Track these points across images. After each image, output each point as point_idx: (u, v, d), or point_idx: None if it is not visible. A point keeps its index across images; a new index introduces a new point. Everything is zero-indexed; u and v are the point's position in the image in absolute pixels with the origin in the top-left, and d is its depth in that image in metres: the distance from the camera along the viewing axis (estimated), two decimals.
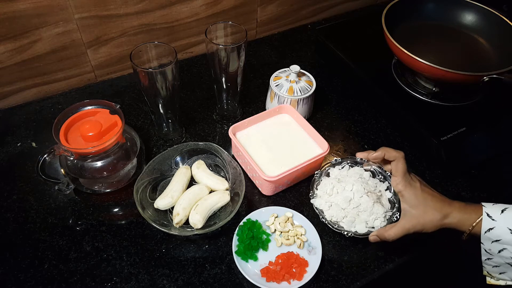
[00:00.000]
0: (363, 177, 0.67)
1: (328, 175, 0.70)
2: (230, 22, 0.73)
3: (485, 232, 0.54)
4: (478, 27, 0.89)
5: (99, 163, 0.67)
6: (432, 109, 0.82)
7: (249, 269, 0.62)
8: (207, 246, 0.66)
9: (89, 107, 0.70)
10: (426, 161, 0.80)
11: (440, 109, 0.82)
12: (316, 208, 0.66)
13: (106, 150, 0.66)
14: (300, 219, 0.67)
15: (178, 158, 0.74)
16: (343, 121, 0.87)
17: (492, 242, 0.54)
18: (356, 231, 0.63)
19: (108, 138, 0.65)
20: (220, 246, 0.66)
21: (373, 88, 0.88)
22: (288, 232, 0.66)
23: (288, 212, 0.68)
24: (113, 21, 0.84)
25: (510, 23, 0.83)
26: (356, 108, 0.90)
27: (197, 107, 0.88)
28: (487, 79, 0.73)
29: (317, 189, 0.68)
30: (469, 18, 0.90)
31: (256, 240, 0.64)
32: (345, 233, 0.63)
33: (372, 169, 0.69)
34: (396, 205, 0.65)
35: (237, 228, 0.65)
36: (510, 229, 0.53)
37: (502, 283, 0.61)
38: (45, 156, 0.63)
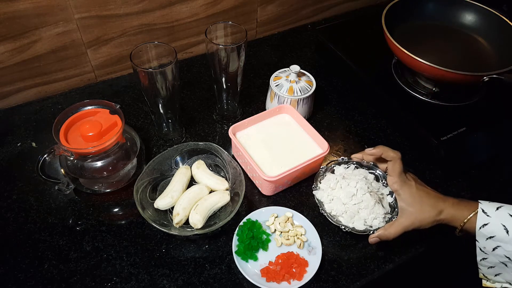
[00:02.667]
0: (367, 179, 0.68)
1: (333, 171, 0.71)
2: (230, 22, 0.73)
3: (480, 228, 0.55)
4: (478, 27, 0.89)
5: (99, 163, 0.67)
6: (432, 109, 0.82)
7: (249, 269, 0.62)
8: (207, 246, 0.66)
9: (89, 107, 0.70)
10: (426, 161, 0.80)
11: (440, 109, 0.82)
12: (317, 199, 0.67)
13: (106, 150, 0.66)
14: (300, 219, 0.67)
15: (178, 158, 0.74)
16: (343, 121, 0.87)
17: (487, 239, 0.55)
18: (354, 227, 0.64)
19: (108, 138, 0.65)
20: (220, 246, 0.66)
21: (373, 88, 0.88)
22: (288, 232, 0.66)
23: (288, 212, 0.68)
24: (113, 21, 0.84)
25: (510, 23, 0.83)
26: (356, 108, 0.90)
27: (197, 107, 0.88)
28: (487, 79, 0.73)
29: (320, 182, 0.69)
30: (469, 18, 0.90)
31: (256, 240, 0.64)
32: (343, 227, 0.63)
33: (376, 173, 0.70)
34: (396, 209, 0.65)
35: (237, 228, 0.65)
36: (504, 226, 0.53)
37: (497, 285, 0.62)
38: (45, 156, 0.63)
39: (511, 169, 0.80)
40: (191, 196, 0.67)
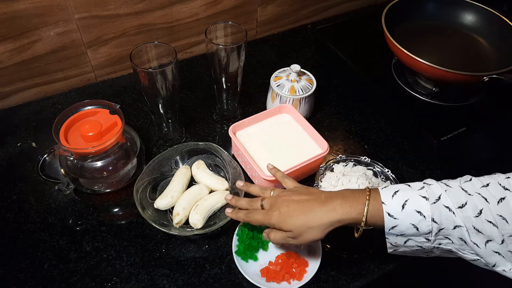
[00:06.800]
0: (367, 175, 0.69)
1: (332, 170, 0.72)
2: (230, 22, 0.73)
3: (389, 229, 0.51)
4: (478, 27, 0.89)
5: (99, 163, 0.67)
6: (432, 109, 0.82)
7: (249, 269, 0.62)
8: (207, 246, 0.66)
9: (89, 107, 0.70)
10: (426, 161, 0.80)
11: (440, 109, 0.82)
12: None
13: (106, 150, 0.66)
14: None
15: (178, 158, 0.74)
16: (343, 121, 0.87)
17: (397, 236, 0.52)
18: None
19: (108, 138, 0.65)
20: (220, 246, 0.66)
21: (373, 88, 0.88)
22: None
23: None
24: (113, 21, 0.84)
25: (510, 23, 0.83)
26: (356, 108, 0.90)
27: (197, 107, 0.88)
28: (487, 79, 0.73)
29: (321, 181, 0.69)
30: (469, 18, 0.90)
31: (256, 240, 0.64)
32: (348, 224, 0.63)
33: (375, 170, 0.71)
34: None
35: (237, 228, 0.65)
36: (413, 224, 0.50)
37: None
38: (45, 156, 0.63)
39: (511, 169, 0.80)
40: (191, 196, 0.67)
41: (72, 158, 0.66)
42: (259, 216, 0.57)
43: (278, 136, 0.77)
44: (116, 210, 0.70)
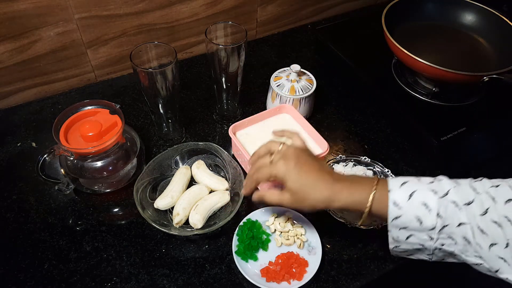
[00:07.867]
0: (366, 175, 0.69)
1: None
2: (230, 22, 0.73)
3: (392, 220, 0.50)
4: (478, 27, 0.89)
5: (99, 163, 0.67)
6: (432, 109, 0.82)
7: (249, 269, 0.62)
8: (207, 246, 0.66)
9: (89, 107, 0.70)
10: (426, 161, 0.80)
11: (440, 109, 0.82)
12: None
13: (106, 150, 0.66)
14: (300, 219, 0.67)
15: (178, 158, 0.74)
16: (343, 121, 0.87)
17: (400, 229, 0.51)
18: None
19: (108, 138, 0.65)
20: (220, 246, 0.66)
21: (373, 88, 0.88)
22: (288, 232, 0.66)
23: (288, 212, 0.68)
24: (113, 21, 0.84)
25: (510, 23, 0.83)
26: (356, 108, 0.90)
27: (197, 107, 0.88)
28: (487, 79, 0.73)
29: None
30: (469, 18, 0.90)
31: (256, 240, 0.64)
32: (348, 224, 0.64)
33: (374, 170, 0.71)
34: None
35: (237, 228, 0.65)
36: (418, 217, 0.49)
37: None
38: (45, 156, 0.63)
39: (511, 169, 0.80)
40: (191, 196, 0.67)
41: (72, 158, 0.66)
42: (265, 169, 0.57)
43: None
44: (116, 210, 0.70)
